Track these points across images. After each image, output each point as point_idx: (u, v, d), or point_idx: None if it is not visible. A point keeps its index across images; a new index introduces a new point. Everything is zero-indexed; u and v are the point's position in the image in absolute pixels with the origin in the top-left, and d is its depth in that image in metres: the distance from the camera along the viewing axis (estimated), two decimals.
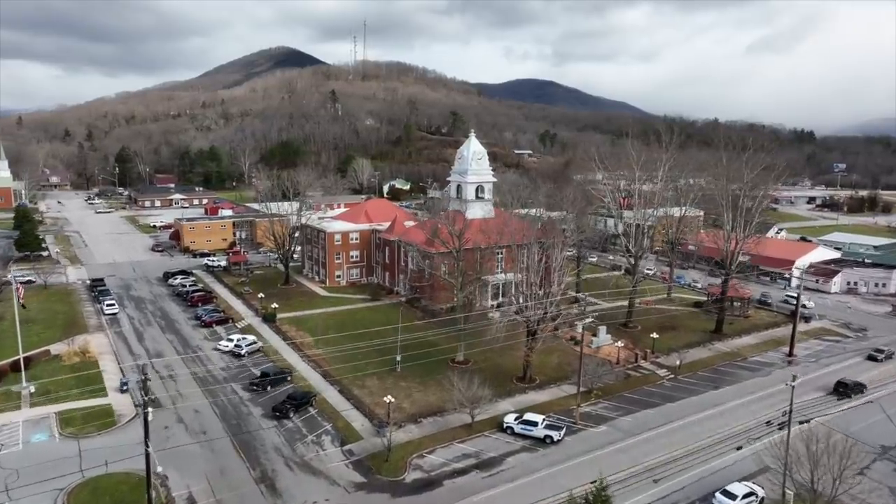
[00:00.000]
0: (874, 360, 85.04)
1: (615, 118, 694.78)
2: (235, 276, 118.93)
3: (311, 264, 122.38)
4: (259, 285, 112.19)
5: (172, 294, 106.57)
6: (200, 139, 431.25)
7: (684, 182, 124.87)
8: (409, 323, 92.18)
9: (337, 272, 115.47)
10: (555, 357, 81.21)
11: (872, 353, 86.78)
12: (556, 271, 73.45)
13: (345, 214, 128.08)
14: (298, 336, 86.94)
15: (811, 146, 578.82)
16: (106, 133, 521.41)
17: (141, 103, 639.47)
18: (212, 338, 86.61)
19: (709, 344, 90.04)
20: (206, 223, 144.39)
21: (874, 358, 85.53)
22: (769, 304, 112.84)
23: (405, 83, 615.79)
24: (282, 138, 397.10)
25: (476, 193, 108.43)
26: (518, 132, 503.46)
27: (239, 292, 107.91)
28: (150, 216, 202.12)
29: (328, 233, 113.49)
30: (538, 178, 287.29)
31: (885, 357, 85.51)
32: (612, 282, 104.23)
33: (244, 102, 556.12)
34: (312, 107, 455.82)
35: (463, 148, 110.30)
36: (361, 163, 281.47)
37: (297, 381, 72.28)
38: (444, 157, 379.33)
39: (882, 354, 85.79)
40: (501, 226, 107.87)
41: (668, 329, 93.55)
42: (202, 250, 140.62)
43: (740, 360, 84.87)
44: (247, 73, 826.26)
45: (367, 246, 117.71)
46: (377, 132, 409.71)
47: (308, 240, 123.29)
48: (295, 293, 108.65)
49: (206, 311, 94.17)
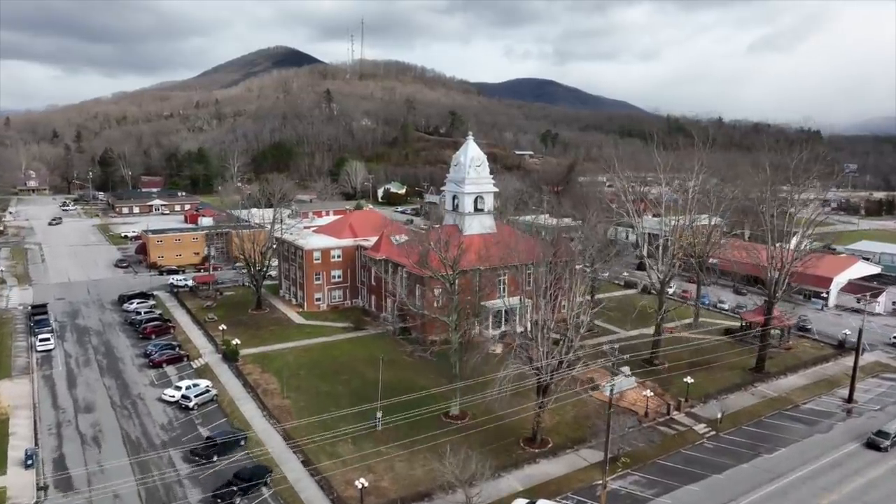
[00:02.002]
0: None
1: (617, 118, 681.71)
2: (202, 299, 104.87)
3: (287, 284, 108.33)
4: (226, 311, 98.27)
5: (125, 323, 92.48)
6: (191, 140, 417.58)
7: (716, 188, 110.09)
8: (397, 358, 78.52)
9: (316, 295, 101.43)
10: (569, 409, 67.24)
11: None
12: (575, 313, 59.18)
13: (327, 227, 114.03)
14: (262, 380, 72.84)
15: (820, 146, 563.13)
16: (96, 134, 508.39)
17: (133, 103, 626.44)
18: (159, 382, 72.56)
19: (750, 387, 75.95)
20: (175, 236, 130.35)
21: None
22: (809, 330, 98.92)
23: (403, 82, 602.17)
24: (274, 139, 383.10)
25: (475, 205, 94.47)
26: (518, 132, 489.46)
27: (202, 320, 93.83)
28: (126, 224, 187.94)
29: (306, 250, 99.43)
30: (541, 181, 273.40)
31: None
32: (637, 311, 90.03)
33: (238, 102, 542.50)
34: (307, 107, 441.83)
35: (459, 153, 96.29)
36: (355, 165, 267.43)
37: (253, 447, 58.27)
38: (442, 159, 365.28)
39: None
40: (504, 243, 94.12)
41: (699, 366, 79.42)
42: (171, 266, 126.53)
43: (791, 409, 70.84)
44: (245, 72, 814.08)
45: (352, 264, 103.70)
46: (373, 133, 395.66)
47: (285, 257, 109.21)
48: (266, 321, 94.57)
49: (158, 347, 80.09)
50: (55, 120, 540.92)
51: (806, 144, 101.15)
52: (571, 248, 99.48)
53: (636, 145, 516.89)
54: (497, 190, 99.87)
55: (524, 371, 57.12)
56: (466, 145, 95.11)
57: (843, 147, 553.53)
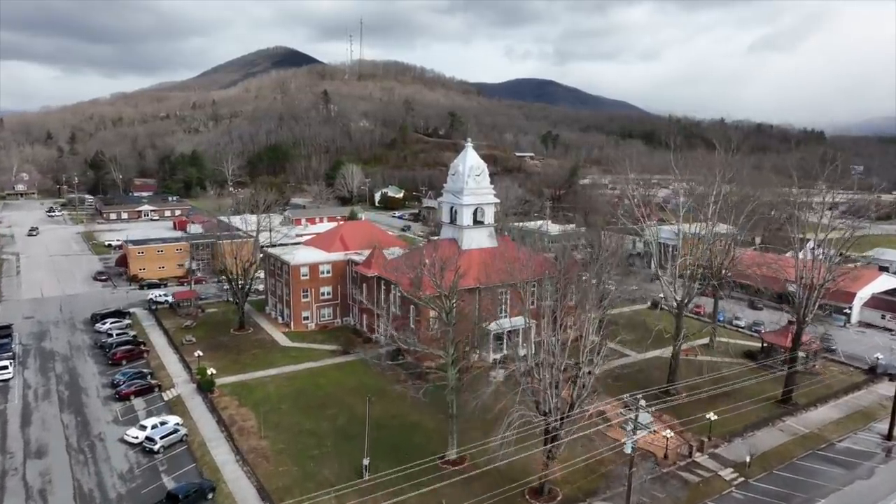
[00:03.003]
0: None
1: (617, 118, 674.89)
2: (182, 317, 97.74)
3: (274, 301, 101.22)
4: (207, 331, 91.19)
5: (94, 346, 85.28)
6: (186, 142, 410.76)
7: (732, 194, 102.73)
8: (387, 388, 71.51)
9: (304, 313, 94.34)
10: (579, 450, 59.99)
11: None
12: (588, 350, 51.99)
13: (316, 240, 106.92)
14: (239, 415, 65.74)
15: (823, 147, 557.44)
16: (91, 135, 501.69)
17: (129, 105, 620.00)
18: (124, 418, 65.44)
19: (778, 421, 68.85)
20: (158, 247, 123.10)
21: None
22: (833, 351, 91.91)
23: (403, 83, 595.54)
24: (270, 141, 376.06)
25: (474, 218, 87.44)
26: (519, 133, 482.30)
27: (179, 342, 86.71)
28: (113, 231, 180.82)
29: (292, 265, 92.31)
30: (543, 185, 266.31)
31: None
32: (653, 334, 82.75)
33: (235, 103, 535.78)
34: (304, 108, 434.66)
35: (458, 161, 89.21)
36: (351, 169, 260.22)
37: (222, 501, 51.19)
38: (441, 161, 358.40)
39: None
40: (506, 258, 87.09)
41: (721, 397, 72.34)
42: (152, 280, 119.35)
43: (825, 448, 63.76)
44: (244, 73, 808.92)
45: (342, 280, 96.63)
46: (371, 134, 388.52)
47: (271, 271, 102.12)
48: (249, 343, 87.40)
49: (127, 376, 72.91)
50: (50, 121, 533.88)
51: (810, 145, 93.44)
52: (579, 263, 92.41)
53: (638, 146, 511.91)
54: (498, 201, 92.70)
55: (530, 418, 49.89)
56: (465, 153, 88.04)
57: (846, 148, 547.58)
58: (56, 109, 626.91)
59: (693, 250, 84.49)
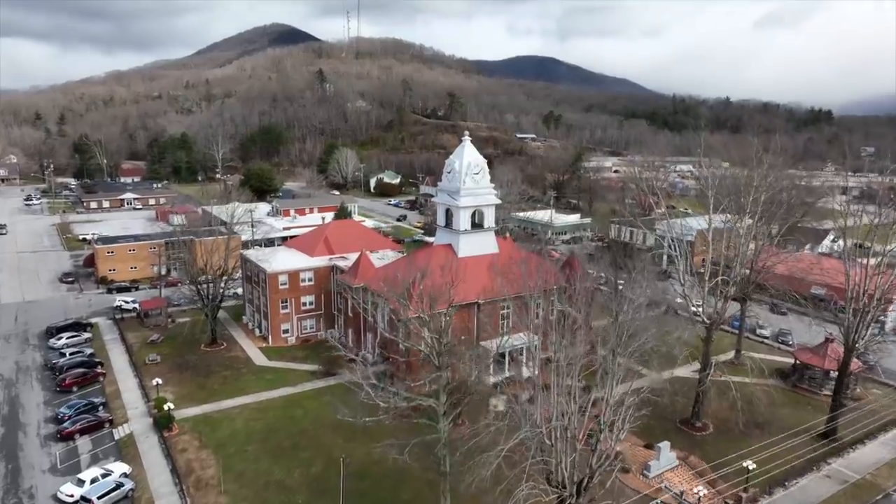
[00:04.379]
0: None
1: (621, 98, 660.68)
2: (150, 329, 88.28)
3: (252, 311, 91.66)
4: (174, 347, 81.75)
5: (45, 367, 75.83)
6: (177, 124, 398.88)
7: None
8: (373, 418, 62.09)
9: (283, 326, 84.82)
10: None
11: None
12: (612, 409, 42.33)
13: (298, 241, 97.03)
14: (198, 461, 56.47)
15: (830, 127, 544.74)
16: (81, 116, 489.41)
17: (121, 84, 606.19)
18: (64, 465, 56.21)
19: (823, 464, 59.59)
20: (129, 246, 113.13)
21: None
22: (872, 368, 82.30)
23: (401, 61, 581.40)
24: (264, 123, 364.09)
25: (472, 221, 77.55)
26: (520, 113, 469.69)
27: (141, 362, 77.30)
28: (91, 223, 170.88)
29: (269, 273, 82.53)
30: (546, 169, 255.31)
31: None
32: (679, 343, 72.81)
33: (229, 83, 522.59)
34: (299, 88, 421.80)
35: (454, 157, 78.96)
36: (345, 154, 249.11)
37: None
38: (439, 144, 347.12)
39: None
40: (508, 267, 77.40)
41: (753, 430, 63.30)
42: (122, 283, 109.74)
43: (881, 499, 54.68)
44: (241, 51, 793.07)
45: (326, 288, 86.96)
46: (367, 116, 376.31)
47: (248, 277, 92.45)
48: (220, 363, 77.92)
49: (74, 409, 63.55)
50: (39, 101, 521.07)
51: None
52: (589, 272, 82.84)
53: (642, 126, 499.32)
54: (499, 202, 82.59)
55: (540, 495, 40.47)
56: (462, 148, 77.76)
57: (855, 128, 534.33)
58: (46, 89, 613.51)
59: (723, 248, 74.32)
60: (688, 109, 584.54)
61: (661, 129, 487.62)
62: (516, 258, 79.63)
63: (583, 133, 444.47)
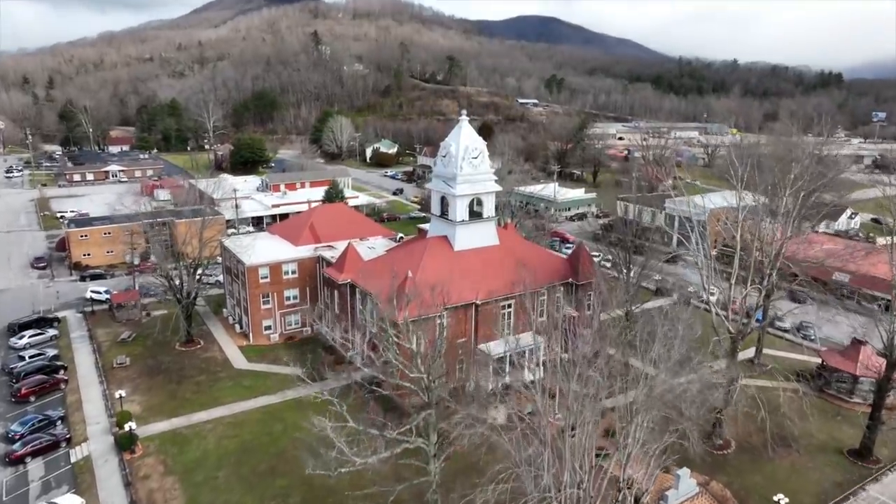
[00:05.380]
0: None
1: (625, 60, 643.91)
2: (122, 324, 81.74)
3: (232, 304, 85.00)
4: (147, 347, 75.28)
5: (2, 372, 69.45)
6: (169, 88, 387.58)
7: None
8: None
9: (265, 322, 78.21)
10: None
11: None
12: None
13: (283, 227, 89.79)
14: (161, 492, 50.37)
15: (841, 90, 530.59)
16: (70, 79, 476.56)
17: (112, 46, 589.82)
18: (10, 496, 50.15)
19: (859, 489, 53.52)
20: (104, 229, 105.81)
21: None
22: None
23: (400, 21, 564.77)
24: (257, 88, 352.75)
25: (470, 209, 70.24)
26: (522, 76, 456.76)
27: (109, 365, 70.94)
28: (72, 197, 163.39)
29: (248, 266, 75.53)
30: (548, 138, 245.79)
31: None
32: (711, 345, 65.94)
33: (222, 45, 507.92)
34: (293, 51, 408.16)
35: (449, 140, 71.15)
36: (340, 122, 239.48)
37: None
38: (438, 110, 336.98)
39: None
40: (509, 258, 70.68)
41: (776, 445, 57.08)
42: (97, 270, 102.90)
43: None
44: (237, 10, 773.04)
45: (312, 280, 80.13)
46: (364, 80, 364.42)
47: (227, 268, 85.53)
48: (195, 365, 71.53)
49: (27, 426, 57.27)
50: (27, 64, 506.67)
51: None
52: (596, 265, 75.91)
53: (647, 91, 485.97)
54: (500, 188, 75.00)
55: None
56: (458, 130, 69.90)
57: (866, 92, 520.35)
58: (35, 51, 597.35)
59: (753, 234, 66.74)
60: (694, 72, 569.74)
61: (667, 94, 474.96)
62: (519, 251, 72.83)
63: (586, 98, 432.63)
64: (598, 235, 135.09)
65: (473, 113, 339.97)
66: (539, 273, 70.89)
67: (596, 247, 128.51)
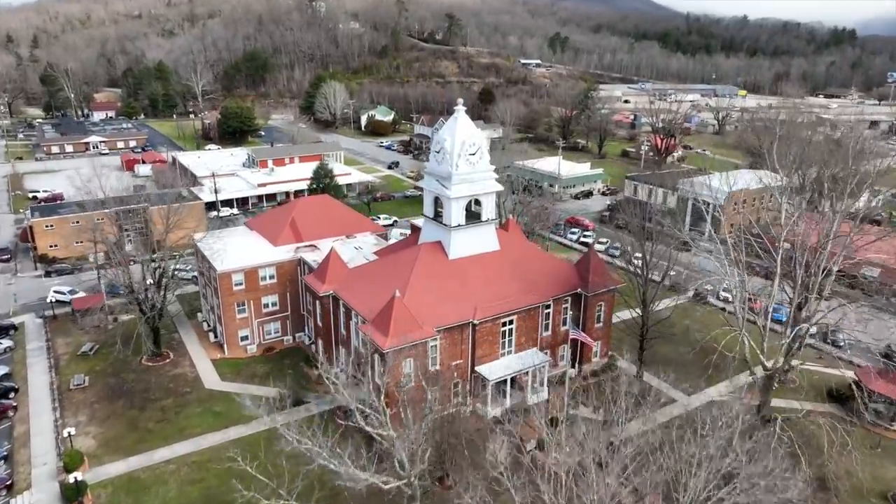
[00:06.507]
0: None
1: (632, 17, 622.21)
2: (85, 332, 74.31)
3: (207, 308, 77.50)
4: (109, 362, 68.02)
5: None
6: (157, 48, 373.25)
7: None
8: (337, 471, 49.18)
9: (242, 332, 70.81)
10: None
11: None
12: None
13: (262, 222, 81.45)
14: None
15: (854, 49, 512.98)
16: (56, 38, 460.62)
17: (98, 2, 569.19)
18: None
19: None
20: (73, 217, 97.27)
21: None
22: None
23: None
24: (248, 48, 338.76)
25: (468, 210, 62.08)
26: (524, 35, 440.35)
27: (65, 386, 63.80)
28: (48, 172, 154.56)
29: (220, 273, 67.66)
30: (552, 103, 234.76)
31: None
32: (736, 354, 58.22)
33: (212, 1, 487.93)
34: (285, 9, 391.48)
35: (443, 132, 62.39)
36: (334, 88, 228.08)
37: None
38: (437, 72, 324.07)
39: None
40: (511, 267, 63.07)
41: (817, 489, 50.29)
42: (64, 264, 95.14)
43: None
44: None
45: (293, 285, 72.45)
46: (360, 40, 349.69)
47: (200, 271, 77.73)
48: (161, 385, 64.34)
49: None
50: (10, 21, 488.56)
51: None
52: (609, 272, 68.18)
53: (654, 49, 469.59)
54: (502, 188, 66.54)
55: None
56: (454, 122, 61.06)
57: (880, 50, 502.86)
58: (18, 7, 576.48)
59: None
60: (702, 29, 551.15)
61: (674, 53, 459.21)
62: (522, 257, 64.96)
63: (591, 58, 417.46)
64: (604, 217, 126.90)
65: (474, 75, 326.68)
66: (544, 284, 63.36)
67: (601, 230, 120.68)
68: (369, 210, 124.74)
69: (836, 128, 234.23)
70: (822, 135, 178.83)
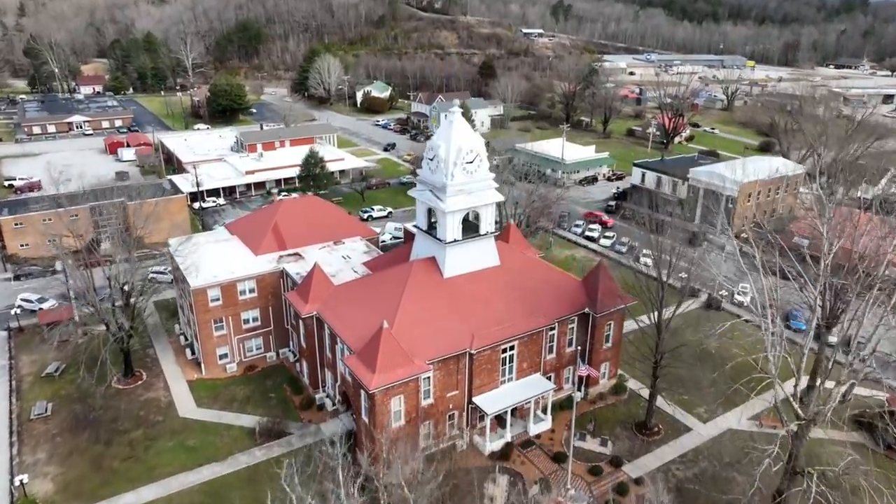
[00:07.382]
0: None
1: None
2: (51, 349, 68.83)
3: (184, 321, 71.94)
4: (76, 386, 62.58)
5: None
6: (147, 17, 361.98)
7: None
8: None
9: (220, 350, 65.38)
10: None
11: None
12: None
13: (243, 226, 75.23)
14: None
15: (866, 16, 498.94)
16: (44, 5, 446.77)
17: None
18: None
19: None
20: (44, 215, 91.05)
21: None
22: None
23: None
24: (240, 18, 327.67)
25: (465, 223, 56.06)
26: (526, 3, 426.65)
27: (26, 416, 58.54)
28: (28, 157, 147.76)
29: (193, 289, 61.84)
30: (555, 78, 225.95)
31: None
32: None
33: None
34: None
35: (437, 138, 55.92)
36: (328, 62, 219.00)
37: None
38: (436, 43, 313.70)
39: None
40: (512, 284, 57.38)
41: None
42: (35, 264, 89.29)
43: None
44: None
45: (276, 297, 66.78)
46: (356, 9, 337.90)
47: (176, 278, 71.96)
48: (131, 413, 58.98)
49: None
50: None
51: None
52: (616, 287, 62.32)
53: (659, 18, 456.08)
54: (503, 198, 60.25)
55: None
56: (449, 126, 54.61)
57: (894, 17, 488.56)
58: None
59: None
60: None
61: (680, 22, 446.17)
62: (524, 273, 59.15)
63: (594, 27, 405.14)
64: (609, 207, 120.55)
65: (474, 46, 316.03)
66: (548, 303, 57.63)
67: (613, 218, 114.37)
68: (363, 199, 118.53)
69: (847, 102, 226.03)
70: (834, 111, 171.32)
